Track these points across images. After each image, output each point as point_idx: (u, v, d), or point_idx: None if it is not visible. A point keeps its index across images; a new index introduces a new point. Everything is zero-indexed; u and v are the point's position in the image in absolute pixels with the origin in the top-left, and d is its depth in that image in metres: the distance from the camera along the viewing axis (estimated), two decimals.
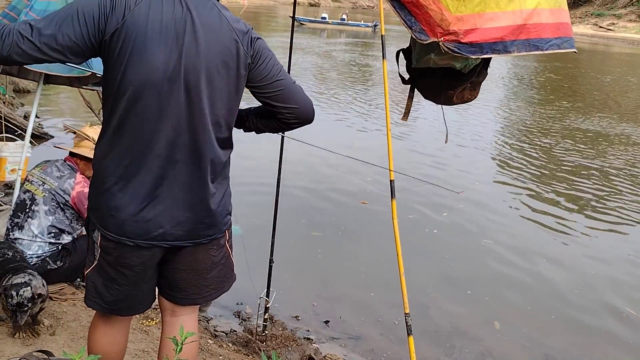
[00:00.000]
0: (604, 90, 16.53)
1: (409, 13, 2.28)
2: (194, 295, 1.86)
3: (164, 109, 1.59)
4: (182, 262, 1.78)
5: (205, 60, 1.59)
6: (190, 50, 1.57)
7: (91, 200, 1.72)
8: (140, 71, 1.55)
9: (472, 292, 4.32)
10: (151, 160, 1.61)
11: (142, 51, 1.53)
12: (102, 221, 1.67)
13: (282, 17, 38.34)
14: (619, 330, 3.99)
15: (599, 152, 8.89)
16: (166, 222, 1.66)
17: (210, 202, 1.71)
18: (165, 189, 1.64)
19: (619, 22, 46.75)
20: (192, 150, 1.64)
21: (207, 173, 1.69)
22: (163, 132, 1.60)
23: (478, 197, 6.42)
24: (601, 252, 5.28)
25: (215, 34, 1.61)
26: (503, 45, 2.30)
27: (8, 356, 2.28)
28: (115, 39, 1.53)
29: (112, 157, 1.63)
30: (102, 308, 1.79)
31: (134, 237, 1.65)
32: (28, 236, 2.94)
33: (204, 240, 1.75)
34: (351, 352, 3.48)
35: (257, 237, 4.67)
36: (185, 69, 1.57)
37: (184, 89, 1.59)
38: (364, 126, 9.50)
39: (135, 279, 1.74)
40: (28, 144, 3.70)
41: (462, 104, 2.97)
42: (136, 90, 1.56)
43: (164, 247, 1.70)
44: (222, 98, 1.65)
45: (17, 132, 5.63)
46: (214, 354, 2.92)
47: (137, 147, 1.61)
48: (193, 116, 1.61)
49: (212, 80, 1.61)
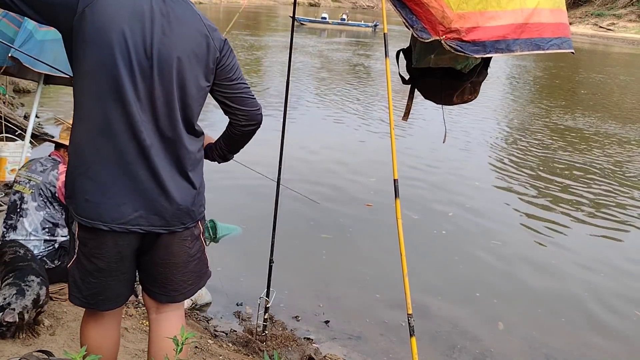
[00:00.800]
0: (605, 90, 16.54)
1: (410, 12, 2.26)
2: (173, 292, 1.87)
3: (132, 93, 1.61)
4: (159, 255, 1.79)
5: (177, 49, 1.64)
6: (160, 38, 1.62)
7: (67, 188, 1.73)
8: (104, 54, 1.58)
9: (472, 293, 4.31)
10: (123, 145, 1.63)
11: (108, 33, 1.57)
12: (78, 207, 1.68)
13: (282, 17, 38.35)
14: (619, 331, 3.99)
15: (605, 153, 8.89)
16: (140, 206, 1.67)
17: (183, 190, 1.74)
18: (138, 174, 1.66)
19: (619, 22, 46.75)
20: (162, 136, 1.68)
21: (180, 160, 1.72)
22: (132, 117, 1.62)
23: (480, 197, 6.42)
24: (601, 251, 5.27)
25: (187, 26, 1.67)
26: (506, 43, 2.28)
27: (8, 356, 2.28)
28: (84, 19, 1.57)
29: (84, 142, 1.66)
30: (82, 302, 1.80)
31: (109, 220, 1.66)
32: (22, 235, 2.94)
33: (178, 229, 1.76)
34: (351, 352, 3.47)
35: (257, 237, 4.68)
36: (158, 56, 1.62)
37: (157, 75, 1.63)
38: (359, 126, 9.49)
39: (111, 270, 1.75)
40: (28, 144, 3.70)
41: (463, 104, 2.98)
42: (100, 74, 1.60)
43: (138, 232, 1.70)
44: (191, 87, 1.70)
45: (17, 132, 5.64)
46: (214, 354, 2.92)
47: (108, 131, 1.63)
48: (163, 102, 1.65)
49: (182, 69, 1.66)
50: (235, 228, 4.97)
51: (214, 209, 5.12)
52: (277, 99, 10.81)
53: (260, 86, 12.84)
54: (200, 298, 3.71)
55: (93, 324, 1.86)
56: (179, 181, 1.73)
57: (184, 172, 1.74)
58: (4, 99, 6.78)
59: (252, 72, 14.60)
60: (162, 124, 1.67)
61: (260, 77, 14.27)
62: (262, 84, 13.15)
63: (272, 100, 10.97)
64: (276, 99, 10.89)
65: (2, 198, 4.35)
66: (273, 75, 14.43)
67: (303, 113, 10.05)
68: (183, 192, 1.74)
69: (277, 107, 9.97)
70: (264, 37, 23.87)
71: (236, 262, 4.46)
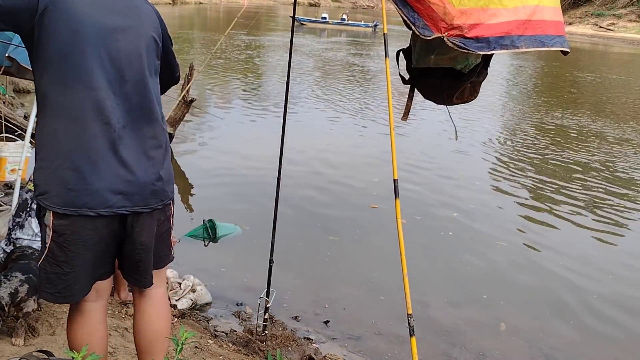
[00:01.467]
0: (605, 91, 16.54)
1: (411, 9, 2.24)
2: (164, 258, 1.98)
3: (102, 78, 1.69)
4: (141, 236, 1.83)
5: (142, 33, 1.79)
6: (127, 24, 1.75)
7: (41, 183, 1.72)
8: (71, 43, 1.65)
9: (473, 293, 4.31)
10: (97, 130, 1.69)
11: (73, 23, 1.64)
12: (58, 199, 1.69)
13: (282, 17, 38.35)
14: (619, 330, 3.99)
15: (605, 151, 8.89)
16: (122, 188, 1.73)
17: (159, 167, 1.83)
18: (115, 157, 1.71)
19: (619, 22, 46.74)
20: (132, 118, 1.75)
21: (152, 139, 1.81)
22: (103, 102, 1.69)
23: (482, 198, 6.43)
24: (602, 252, 5.28)
25: (144, 10, 1.83)
26: (510, 39, 2.25)
27: (8, 356, 2.28)
28: (46, 15, 1.62)
29: (59, 133, 1.68)
30: (56, 298, 1.81)
31: (95, 206, 1.70)
32: (28, 235, 2.95)
33: (157, 206, 1.84)
34: (351, 352, 3.47)
35: (257, 237, 4.68)
36: (125, 41, 1.73)
37: (125, 58, 1.73)
38: (359, 126, 9.50)
39: (88, 256, 1.76)
40: (28, 144, 3.69)
41: (463, 104, 2.97)
42: (69, 63, 1.65)
43: (124, 214, 1.76)
44: (151, 68, 1.83)
45: (17, 132, 5.63)
46: (214, 354, 2.92)
47: (81, 118, 1.68)
48: (133, 85, 1.75)
49: (148, 51, 1.80)
50: (235, 228, 4.98)
51: (214, 209, 5.17)
52: (277, 99, 10.82)
53: (260, 86, 12.85)
54: (200, 298, 3.71)
55: (80, 321, 1.86)
56: (153, 160, 1.81)
57: (157, 151, 1.83)
58: (4, 99, 6.78)
59: (252, 72, 14.60)
60: (132, 106, 1.75)
61: (260, 77, 14.26)
62: (262, 84, 13.15)
63: (272, 100, 10.98)
64: (276, 98, 10.90)
65: (2, 198, 4.35)
66: (273, 75, 14.42)
67: (303, 113, 10.04)
68: (156, 169, 1.82)
69: (277, 107, 9.99)
70: (264, 37, 23.86)
71: (236, 262, 4.46)
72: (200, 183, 6.15)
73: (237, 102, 10.72)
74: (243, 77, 13.62)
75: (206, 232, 4.80)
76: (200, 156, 7.13)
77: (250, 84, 12.95)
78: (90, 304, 1.86)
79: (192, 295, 3.68)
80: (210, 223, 4.82)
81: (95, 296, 1.87)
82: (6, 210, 3.79)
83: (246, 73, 14.32)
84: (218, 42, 7.22)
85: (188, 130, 8.10)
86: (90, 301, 1.86)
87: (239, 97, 11.26)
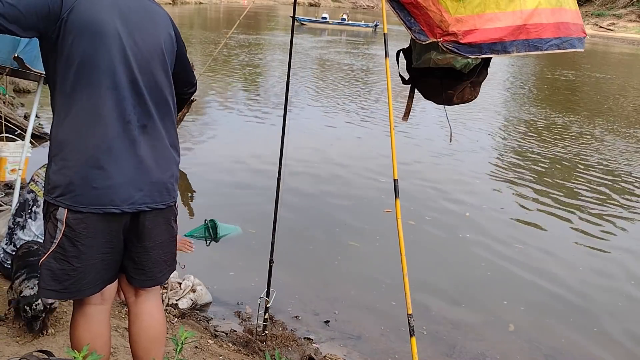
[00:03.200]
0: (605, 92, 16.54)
1: (408, 14, 2.29)
2: (158, 274, 1.96)
3: (123, 78, 1.73)
4: (152, 238, 1.87)
5: (158, 37, 1.84)
6: (144, 27, 1.80)
7: (62, 184, 1.71)
8: (95, 44, 1.69)
9: (473, 293, 4.32)
10: (119, 128, 1.73)
11: (96, 25, 1.69)
12: (83, 198, 1.71)
13: (282, 17, 38.35)
14: (619, 330, 3.99)
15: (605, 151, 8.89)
16: (143, 185, 1.78)
17: (173, 166, 1.90)
18: (135, 154, 1.76)
19: (619, 22, 46.78)
20: (151, 116, 1.80)
21: (169, 138, 1.88)
22: (124, 101, 1.74)
23: (485, 198, 6.43)
24: (603, 252, 5.28)
25: (158, 12, 1.88)
26: (502, 45, 2.32)
27: (8, 356, 2.28)
28: (70, 19, 1.66)
29: (81, 134, 1.70)
30: (60, 295, 1.82)
31: (119, 203, 1.74)
32: (29, 236, 2.95)
33: (170, 202, 1.90)
34: (351, 352, 3.47)
35: (257, 237, 4.68)
36: (144, 44, 1.78)
37: (144, 60, 1.78)
38: (359, 126, 9.50)
39: (99, 252, 1.77)
40: (28, 144, 3.70)
41: (463, 103, 2.97)
42: (91, 64, 1.69)
43: (144, 210, 1.81)
44: (171, 68, 1.90)
45: (17, 132, 5.64)
46: (214, 354, 2.92)
47: (103, 117, 1.71)
48: (151, 85, 1.80)
49: (166, 51, 1.86)
50: (235, 228, 4.98)
51: (214, 209, 5.17)
52: (277, 99, 10.83)
53: (261, 86, 12.85)
54: (200, 298, 3.72)
55: (83, 324, 1.86)
56: (168, 158, 1.88)
57: (171, 150, 1.90)
58: (4, 99, 6.78)
59: (252, 72, 14.60)
60: (150, 106, 1.80)
61: (260, 77, 14.27)
62: (262, 84, 13.16)
63: (273, 99, 10.99)
64: (277, 98, 10.91)
65: (2, 198, 4.36)
66: (273, 75, 14.43)
67: (303, 113, 10.05)
68: (170, 167, 1.89)
69: (278, 107, 9.99)
70: (264, 37, 23.86)
71: (236, 262, 4.47)
72: (200, 183, 6.15)
73: (237, 101, 10.72)
74: (243, 77, 13.63)
75: (207, 232, 4.81)
76: (200, 156, 7.13)
77: (250, 84, 12.96)
78: (95, 307, 1.86)
79: (192, 295, 3.68)
80: (211, 223, 4.83)
81: (100, 299, 1.87)
82: (6, 210, 3.80)
83: (246, 73, 14.33)
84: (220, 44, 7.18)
85: (188, 130, 8.11)
86: (95, 304, 1.86)
87: (239, 97, 11.26)
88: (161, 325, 2.01)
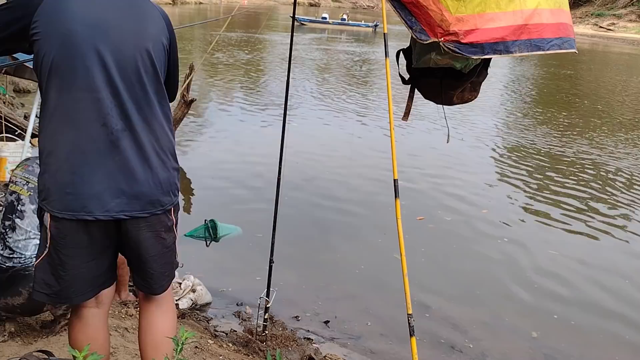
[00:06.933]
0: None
1: (409, 13, 2.27)
2: (154, 285, 1.90)
3: (100, 80, 1.64)
4: (142, 247, 1.79)
5: (143, 36, 1.72)
6: (127, 25, 1.69)
7: (43, 188, 1.69)
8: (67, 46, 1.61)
9: (473, 293, 4.31)
10: (95, 133, 1.65)
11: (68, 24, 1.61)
12: (58, 203, 1.67)
13: (282, 17, 38.32)
14: (619, 331, 3.99)
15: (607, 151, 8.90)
16: (120, 192, 1.68)
17: (160, 173, 1.76)
18: (113, 160, 1.67)
19: (619, 22, 46.78)
20: (131, 120, 1.69)
21: (155, 143, 1.75)
22: (102, 103, 1.64)
23: (486, 199, 6.42)
24: (603, 252, 5.27)
25: (150, 12, 1.76)
26: (504, 45, 2.29)
27: (8, 356, 2.28)
28: (39, 21, 1.61)
29: (57, 137, 1.66)
30: (51, 299, 1.80)
31: (93, 210, 1.67)
32: (22, 235, 2.92)
33: (157, 211, 1.77)
34: (351, 352, 3.47)
35: (257, 237, 4.68)
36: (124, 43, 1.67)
37: (123, 60, 1.67)
38: (360, 126, 9.49)
39: (83, 260, 1.74)
40: (28, 144, 3.70)
41: (463, 104, 2.97)
42: (65, 66, 1.63)
43: (122, 219, 1.71)
44: (160, 71, 1.76)
45: (17, 132, 5.63)
46: (214, 354, 2.92)
47: (78, 121, 1.65)
48: (130, 87, 1.68)
49: (154, 52, 1.73)
50: (236, 228, 4.98)
51: (214, 209, 5.16)
52: (277, 99, 10.82)
53: (261, 86, 12.85)
54: (200, 298, 3.71)
55: (81, 327, 1.85)
56: (153, 164, 1.74)
57: (158, 156, 1.76)
58: (4, 99, 6.78)
59: (252, 72, 14.59)
60: (132, 109, 1.69)
61: (260, 77, 14.26)
62: (262, 84, 13.15)
63: (273, 99, 10.98)
64: (277, 98, 10.90)
65: (1, 198, 4.35)
66: (273, 75, 14.42)
67: (303, 113, 10.04)
68: (157, 173, 1.75)
69: (278, 106, 9.98)
70: (264, 37, 23.85)
71: (236, 262, 4.46)
72: (200, 183, 6.15)
73: (237, 101, 10.72)
74: (244, 77, 13.62)
75: (207, 232, 4.80)
76: (200, 156, 7.14)
77: (250, 83, 12.95)
78: (90, 310, 1.85)
79: (192, 295, 3.68)
80: (211, 223, 4.82)
81: (95, 303, 1.85)
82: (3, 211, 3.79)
83: (247, 73, 14.32)
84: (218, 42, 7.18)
85: (189, 130, 8.11)
86: (90, 307, 1.85)
87: (239, 97, 11.25)
88: (172, 322, 1.98)
